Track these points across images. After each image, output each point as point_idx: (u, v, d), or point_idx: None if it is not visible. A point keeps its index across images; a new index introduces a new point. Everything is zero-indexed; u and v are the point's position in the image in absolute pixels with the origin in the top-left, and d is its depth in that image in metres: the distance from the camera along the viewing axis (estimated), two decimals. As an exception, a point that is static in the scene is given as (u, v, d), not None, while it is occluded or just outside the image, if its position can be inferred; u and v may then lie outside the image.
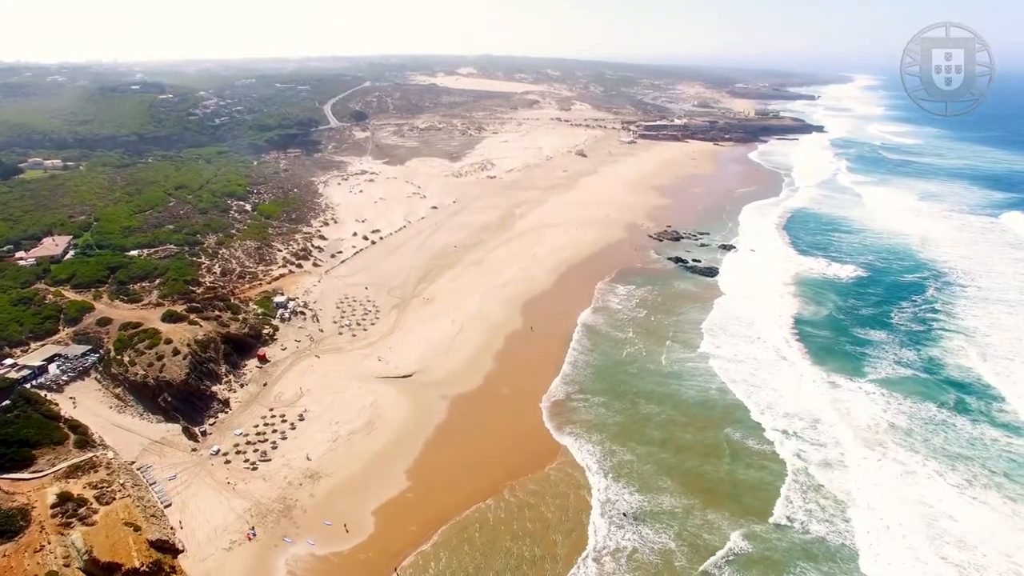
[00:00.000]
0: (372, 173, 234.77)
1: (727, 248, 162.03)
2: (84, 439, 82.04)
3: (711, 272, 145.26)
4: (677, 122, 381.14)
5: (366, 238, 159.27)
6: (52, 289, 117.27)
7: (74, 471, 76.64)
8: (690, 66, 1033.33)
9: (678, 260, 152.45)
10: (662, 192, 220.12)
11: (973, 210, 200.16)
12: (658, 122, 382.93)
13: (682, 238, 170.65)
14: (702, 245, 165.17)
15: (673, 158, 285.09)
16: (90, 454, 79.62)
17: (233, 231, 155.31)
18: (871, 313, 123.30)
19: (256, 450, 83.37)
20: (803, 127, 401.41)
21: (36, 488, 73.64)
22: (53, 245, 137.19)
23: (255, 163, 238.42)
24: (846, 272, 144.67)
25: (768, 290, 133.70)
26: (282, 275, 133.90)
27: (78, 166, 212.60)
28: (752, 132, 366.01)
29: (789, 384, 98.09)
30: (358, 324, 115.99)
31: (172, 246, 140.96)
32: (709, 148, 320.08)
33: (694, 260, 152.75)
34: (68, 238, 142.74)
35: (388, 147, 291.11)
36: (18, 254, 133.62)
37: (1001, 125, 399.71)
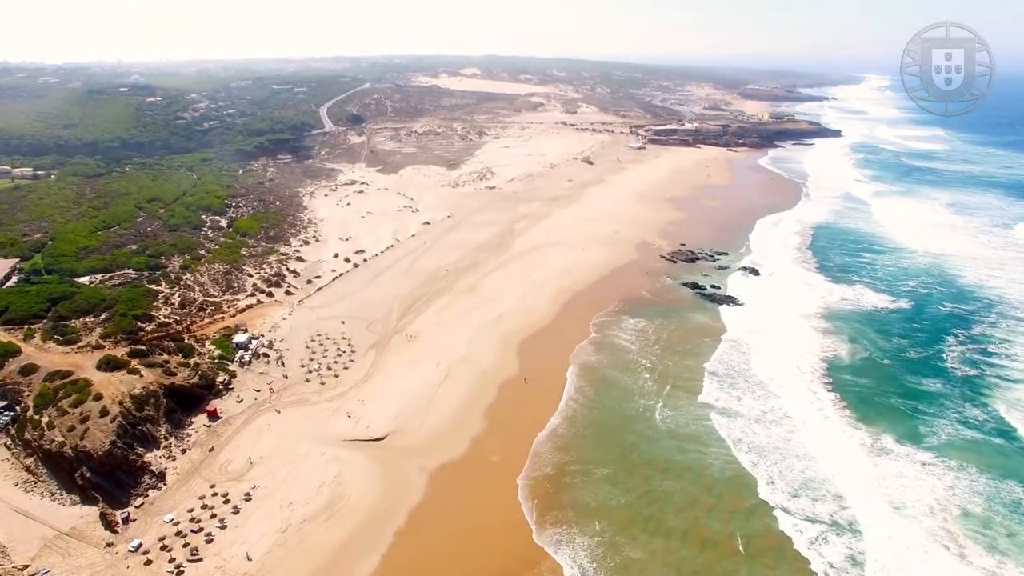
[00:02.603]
0: (363, 183, 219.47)
1: (747, 271, 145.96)
2: (-28, 533, 67.08)
3: (731, 301, 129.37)
4: (688, 126, 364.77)
5: (348, 260, 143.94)
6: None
7: (-50, 580, 61.67)
8: (699, 66, 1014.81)
9: (694, 286, 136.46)
10: (675, 205, 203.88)
11: (1014, 225, 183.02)
12: (668, 126, 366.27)
13: (698, 259, 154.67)
14: (720, 267, 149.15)
15: (685, 166, 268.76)
16: (-27, 557, 64.64)
17: (203, 252, 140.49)
18: (919, 355, 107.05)
19: (187, 544, 68.11)
20: (819, 131, 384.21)
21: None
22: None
23: (240, 171, 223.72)
24: (883, 302, 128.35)
25: (796, 325, 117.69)
26: (249, 306, 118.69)
27: (49, 175, 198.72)
28: (767, 137, 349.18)
29: (827, 451, 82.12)
30: (328, 369, 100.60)
31: (131, 271, 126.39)
32: (723, 154, 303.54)
33: (712, 287, 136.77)
34: (14, 262, 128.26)
35: (383, 153, 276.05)
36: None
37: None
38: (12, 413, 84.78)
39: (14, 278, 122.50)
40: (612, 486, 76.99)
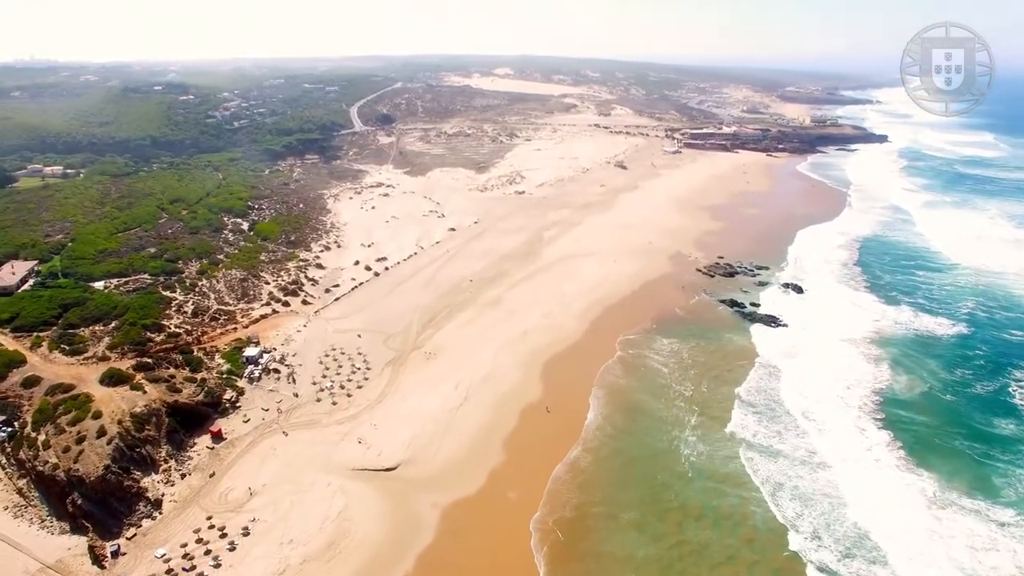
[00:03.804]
0: (389, 186, 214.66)
1: (789, 288, 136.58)
2: (-48, 565, 62.76)
3: (772, 321, 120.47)
4: (726, 130, 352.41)
5: (369, 268, 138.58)
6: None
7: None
8: (737, 68, 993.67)
9: (733, 304, 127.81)
10: (712, 213, 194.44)
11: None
12: (705, 130, 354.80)
13: (736, 273, 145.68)
14: (760, 283, 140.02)
15: (723, 172, 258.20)
16: (-49, 593, 60.22)
17: (221, 256, 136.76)
18: (987, 390, 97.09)
19: (177, 584, 62.99)
20: (864, 136, 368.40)
21: None
22: (10, 273, 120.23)
23: (266, 172, 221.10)
24: (941, 327, 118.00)
25: (843, 351, 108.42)
26: (263, 316, 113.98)
27: (78, 174, 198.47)
28: (808, 141, 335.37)
29: (880, 500, 73.60)
30: (341, 387, 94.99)
31: (147, 276, 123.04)
32: (762, 160, 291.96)
33: (752, 304, 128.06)
34: (32, 264, 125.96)
35: (412, 154, 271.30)
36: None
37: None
38: (10, 429, 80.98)
39: (31, 281, 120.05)
40: (640, 533, 69.78)
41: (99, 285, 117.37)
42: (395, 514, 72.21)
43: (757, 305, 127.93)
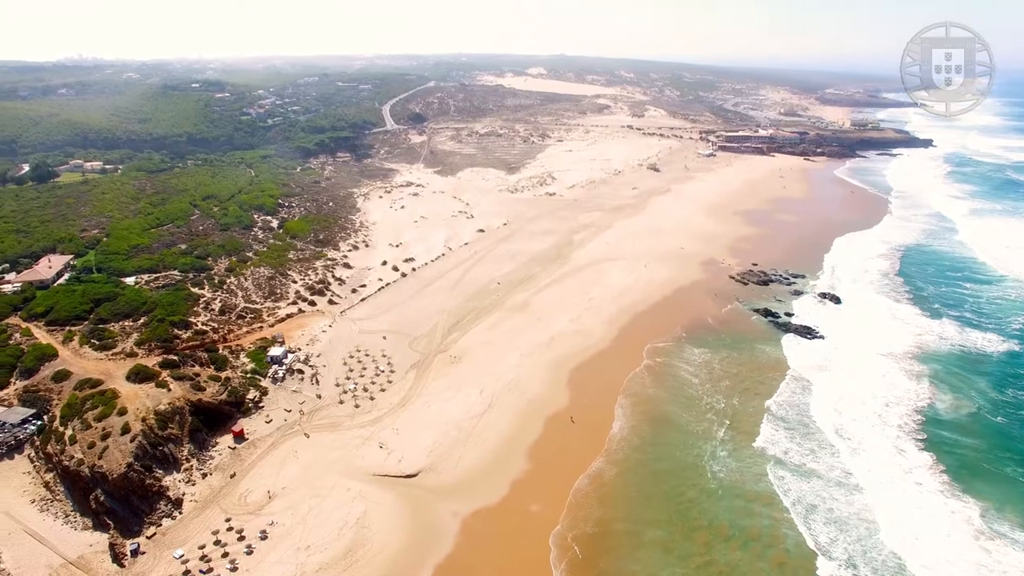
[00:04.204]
0: (419, 185, 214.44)
1: (826, 298, 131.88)
2: (-25, 560, 63.19)
3: (808, 333, 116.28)
4: (762, 132, 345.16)
5: (396, 268, 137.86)
6: (23, 325, 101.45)
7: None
8: (775, 69, 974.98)
9: (767, 313, 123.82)
10: (747, 219, 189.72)
11: None
12: (740, 132, 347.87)
13: (771, 281, 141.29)
14: (795, 292, 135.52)
15: (758, 176, 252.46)
16: (-29, 588, 60.56)
17: (250, 254, 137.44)
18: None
19: (193, 587, 62.49)
20: (907, 140, 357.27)
21: None
22: (47, 267, 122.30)
23: (298, 169, 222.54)
24: (991, 343, 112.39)
25: (882, 366, 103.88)
26: (290, 315, 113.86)
27: (116, 169, 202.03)
28: (848, 146, 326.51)
29: (922, 527, 69.69)
30: (365, 390, 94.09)
31: (176, 272, 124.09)
32: (799, 164, 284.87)
33: (786, 314, 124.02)
34: (68, 258, 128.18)
35: (443, 154, 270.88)
36: (8, 276, 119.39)
37: None
38: (39, 423, 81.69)
39: (66, 275, 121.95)
40: (665, 552, 67.20)
41: (130, 280, 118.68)
42: (414, 522, 70.79)
43: (792, 315, 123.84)
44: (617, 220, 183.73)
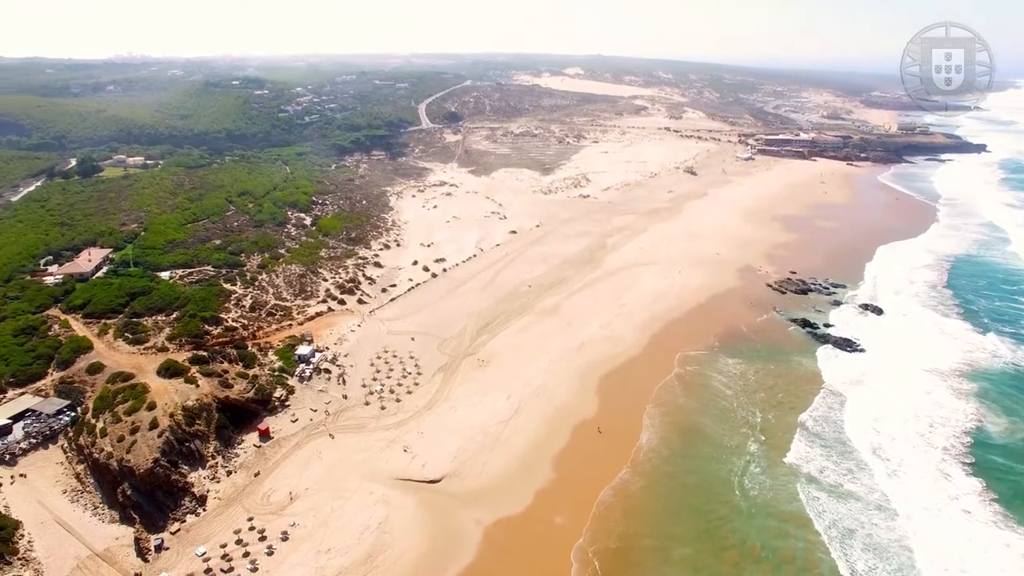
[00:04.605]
0: (452, 185, 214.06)
1: (868, 309, 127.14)
2: (3, 549, 64.67)
3: (848, 346, 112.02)
4: (803, 136, 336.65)
5: (427, 269, 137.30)
6: (62, 317, 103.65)
7: (-30, 604, 58.48)
8: (817, 70, 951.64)
9: (805, 324, 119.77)
10: (785, 225, 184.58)
11: None
12: (780, 136, 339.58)
13: (810, 290, 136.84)
14: (835, 302, 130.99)
15: (798, 180, 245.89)
16: (-2, 578, 61.47)
17: (282, 251, 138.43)
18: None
19: (214, 586, 62.41)
20: (958, 145, 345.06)
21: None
22: (86, 260, 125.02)
23: (333, 167, 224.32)
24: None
25: (928, 383, 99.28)
26: (319, 314, 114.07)
27: (156, 164, 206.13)
28: (894, 150, 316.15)
29: (971, 561, 65.77)
30: (391, 392, 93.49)
31: (210, 268, 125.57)
32: (841, 169, 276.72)
33: (825, 325, 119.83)
34: (107, 252, 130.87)
35: (477, 153, 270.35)
36: (51, 268, 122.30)
37: None
38: (73, 414, 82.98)
39: (104, 268, 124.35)
40: (693, 572, 64.85)
41: (165, 275, 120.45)
42: (436, 529, 69.73)
43: (831, 326, 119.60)
44: (652, 224, 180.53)
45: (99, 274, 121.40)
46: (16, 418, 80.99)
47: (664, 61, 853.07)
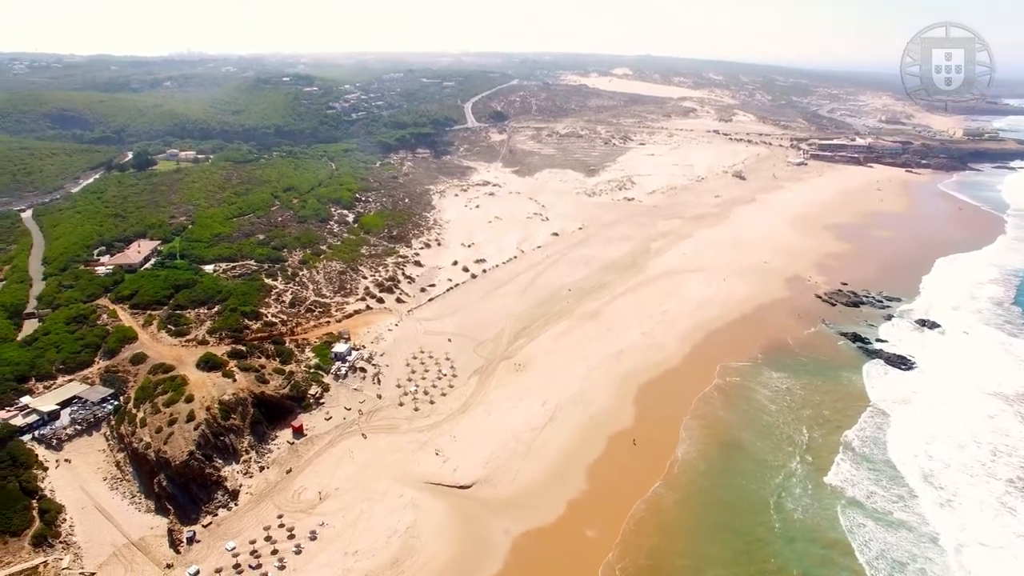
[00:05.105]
0: (495, 185, 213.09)
1: (925, 325, 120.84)
2: (46, 533, 65.86)
3: (903, 363, 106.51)
4: (859, 141, 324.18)
5: (467, 269, 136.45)
6: (111, 307, 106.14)
7: (9, 586, 59.80)
8: (875, 72, 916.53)
9: (856, 338, 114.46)
10: (838, 234, 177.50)
11: None
12: (835, 140, 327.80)
13: (862, 303, 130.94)
14: (889, 316, 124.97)
15: (853, 187, 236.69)
16: (39, 560, 62.88)
17: (324, 247, 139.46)
18: None
19: (242, 583, 62.50)
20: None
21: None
22: (136, 252, 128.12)
23: (378, 164, 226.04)
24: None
25: (989, 407, 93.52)
26: (357, 311, 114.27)
27: (207, 159, 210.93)
28: (958, 157, 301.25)
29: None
30: (425, 393, 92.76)
31: (252, 262, 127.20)
32: (900, 176, 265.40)
33: (878, 340, 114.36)
34: (155, 244, 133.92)
35: (522, 153, 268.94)
36: (103, 259, 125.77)
37: None
38: (116, 403, 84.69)
39: (152, 260, 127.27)
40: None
41: (209, 268, 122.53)
42: (464, 536, 68.54)
43: (884, 342, 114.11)
44: (698, 229, 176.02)
45: (147, 266, 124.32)
46: (64, 404, 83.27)
47: (715, 62, 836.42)
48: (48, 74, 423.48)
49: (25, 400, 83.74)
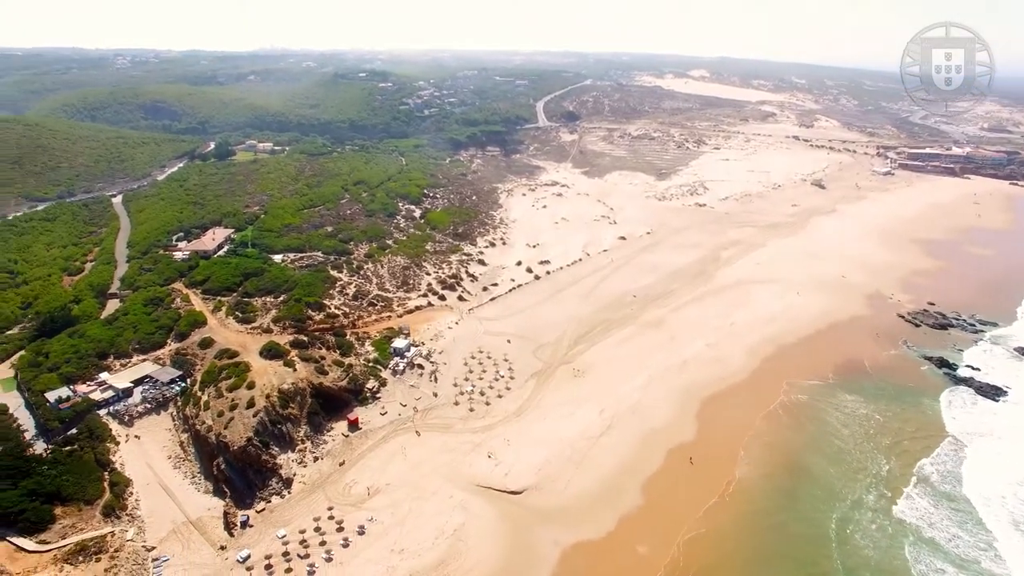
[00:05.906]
0: (563, 185, 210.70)
1: (1023, 353, 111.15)
2: (115, 504, 68.77)
3: (996, 394, 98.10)
4: (956, 151, 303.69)
5: (530, 270, 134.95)
6: (184, 291, 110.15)
7: (77, 554, 62.35)
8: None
9: (942, 364, 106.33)
10: (926, 249, 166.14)
11: None
12: (928, 149, 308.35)
13: (950, 325, 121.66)
14: (982, 342, 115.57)
15: (946, 200, 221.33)
16: (107, 530, 65.63)
17: (390, 241, 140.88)
18: None
19: (289, 570, 63.05)
20: None
21: (26, 572, 60.32)
22: (211, 239, 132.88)
23: (447, 160, 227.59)
24: None
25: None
26: (418, 307, 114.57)
27: (283, 151, 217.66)
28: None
29: None
30: (482, 394, 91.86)
31: (320, 253, 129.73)
32: (1002, 189, 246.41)
33: (969, 367, 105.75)
34: (229, 232, 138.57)
35: (592, 154, 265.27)
36: (180, 245, 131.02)
37: None
38: (183, 384, 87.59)
39: (225, 247, 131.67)
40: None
41: (278, 258, 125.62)
42: (512, 544, 67.04)
43: (976, 369, 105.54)
44: (771, 239, 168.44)
45: (220, 253, 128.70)
46: (137, 382, 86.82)
47: (798, 65, 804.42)
48: (146, 68, 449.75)
49: (103, 376, 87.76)
